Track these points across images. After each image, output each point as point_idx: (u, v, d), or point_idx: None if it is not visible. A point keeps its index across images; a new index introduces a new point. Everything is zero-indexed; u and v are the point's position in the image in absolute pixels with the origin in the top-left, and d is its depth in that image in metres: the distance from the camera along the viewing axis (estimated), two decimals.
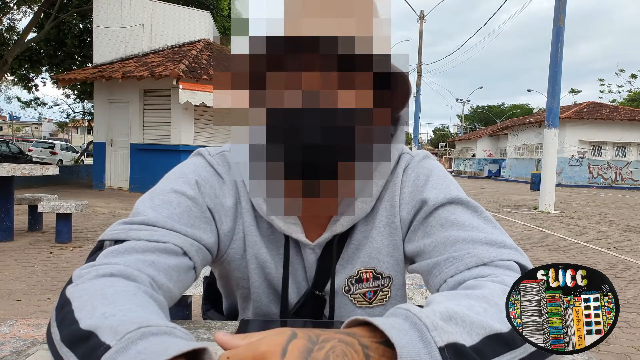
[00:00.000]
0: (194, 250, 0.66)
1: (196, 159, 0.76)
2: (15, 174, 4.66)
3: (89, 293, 0.51)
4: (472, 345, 0.45)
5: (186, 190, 0.69)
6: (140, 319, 0.45)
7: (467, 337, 0.46)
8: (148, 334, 0.43)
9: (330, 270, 0.76)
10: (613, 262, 5.33)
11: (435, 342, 0.43)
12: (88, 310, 0.48)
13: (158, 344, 0.42)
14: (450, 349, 0.43)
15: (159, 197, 0.68)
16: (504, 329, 0.48)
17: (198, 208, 0.69)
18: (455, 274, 0.63)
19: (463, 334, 0.46)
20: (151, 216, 0.65)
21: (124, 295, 0.51)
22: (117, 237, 0.62)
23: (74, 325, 0.46)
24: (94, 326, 0.45)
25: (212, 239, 0.71)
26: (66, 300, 0.51)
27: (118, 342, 0.42)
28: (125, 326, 0.43)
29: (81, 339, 0.45)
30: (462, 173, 41.42)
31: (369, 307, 0.78)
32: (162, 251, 0.62)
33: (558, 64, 10.38)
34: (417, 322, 0.45)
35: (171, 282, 0.62)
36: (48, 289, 3.48)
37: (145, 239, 0.62)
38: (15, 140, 36.01)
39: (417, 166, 0.77)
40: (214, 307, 0.99)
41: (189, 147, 10.14)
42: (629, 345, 2.83)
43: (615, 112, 27.63)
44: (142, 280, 0.57)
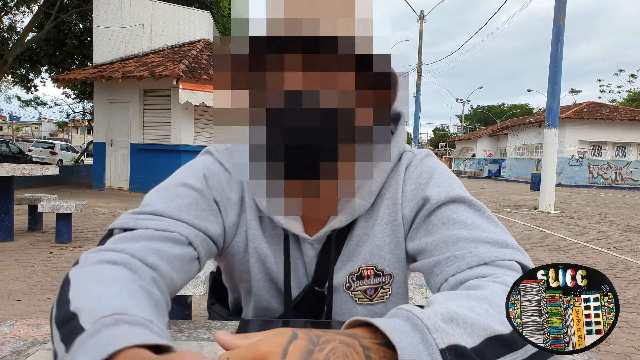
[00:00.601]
0: (199, 241, 0.68)
1: (205, 157, 0.79)
2: (15, 174, 4.66)
3: (87, 275, 0.53)
4: (474, 347, 0.45)
5: (194, 184, 0.71)
6: (120, 306, 0.46)
7: (469, 339, 0.46)
8: (122, 321, 0.44)
9: (329, 265, 0.76)
10: (613, 262, 5.33)
11: (437, 343, 0.43)
12: (80, 292, 0.50)
13: (128, 332, 0.43)
14: (452, 351, 0.43)
15: (167, 190, 0.71)
16: (505, 331, 0.48)
17: (205, 200, 0.71)
18: (456, 272, 0.63)
19: (464, 336, 0.46)
20: (159, 207, 0.67)
21: (118, 282, 0.53)
22: (126, 225, 0.64)
23: (66, 306, 0.48)
24: (79, 308, 0.46)
25: (218, 231, 0.72)
26: (67, 280, 0.53)
27: (92, 326, 0.43)
28: (102, 311, 0.45)
29: (67, 319, 0.46)
30: (462, 173, 41.39)
31: (369, 304, 0.78)
32: (168, 240, 0.64)
33: (558, 64, 10.37)
34: (418, 323, 0.44)
35: (174, 270, 0.63)
36: (48, 289, 3.48)
37: (153, 228, 0.64)
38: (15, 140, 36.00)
39: (420, 164, 0.77)
40: (219, 302, 1.01)
41: (189, 147, 10.14)
42: (629, 345, 2.83)
43: (615, 112, 27.63)
44: (143, 272, 0.58)
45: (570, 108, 28.52)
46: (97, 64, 11.31)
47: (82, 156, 23.01)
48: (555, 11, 10.41)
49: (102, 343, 0.41)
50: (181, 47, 11.73)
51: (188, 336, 0.66)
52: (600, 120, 26.38)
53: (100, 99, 11.26)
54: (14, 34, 14.96)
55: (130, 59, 11.31)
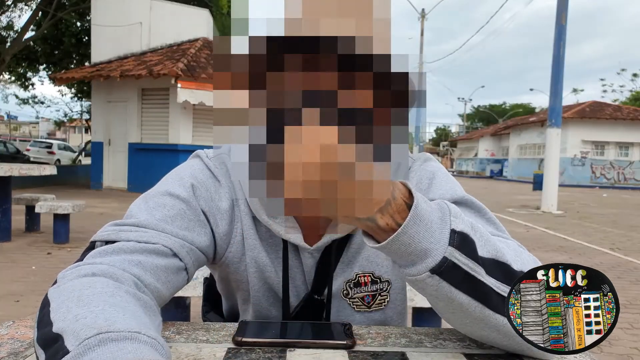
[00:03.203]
0: (185, 252, 0.67)
1: (193, 161, 0.77)
2: (12, 174, 4.69)
3: (66, 294, 0.52)
4: (481, 255, 0.52)
5: (180, 193, 0.70)
6: (105, 323, 0.45)
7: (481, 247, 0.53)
8: (107, 340, 0.43)
9: (328, 274, 0.77)
10: (616, 262, 5.30)
11: (451, 222, 0.52)
12: (62, 312, 0.48)
13: (114, 351, 0.42)
14: (459, 236, 0.51)
15: (152, 199, 0.69)
16: (513, 266, 0.54)
17: (192, 211, 0.70)
18: None
19: (479, 242, 0.53)
20: (143, 218, 0.66)
21: (100, 296, 0.51)
22: (108, 237, 0.63)
23: (48, 327, 0.47)
24: (62, 329, 0.45)
25: (206, 242, 0.71)
26: (47, 301, 0.52)
27: (76, 348, 0.42)
28: (86, 331, 0.43)
29: (51, 340, 0.45)
30: (464, 173, 41.44)
31: (367, 312, 0.79)
32: (151, 252, 0.63)
33: (560, 63, 10.37)
34: (444, 207, 0.53)
35: (159, 282, 0.62)
36: (46, 289, 3.39)
37: (134, 240, 0.63)
38: (13, 139, 36.14)
39: (419, 169, 0.78)
40: (214, 309, 1.00)
41: (188, 147, 10.12)
42: (631, 346, 2.81)
43: (618, 112, 27.62)
44: (124, 279, 0.56)
45: (573, 107, 28.51)
46: (95, 63, 11.30)
47: (80, 156, 23.02)
48: (557, 10, 10.40)
49: None
50: (180, 45, 11.68)
51: (186, 338, 0.65)
52: (603, 119, 26.38)
53: (98, 98, 11.26)
54: (12, 32, 14.98)
55: (129, 57, 11.27)
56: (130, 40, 11.49)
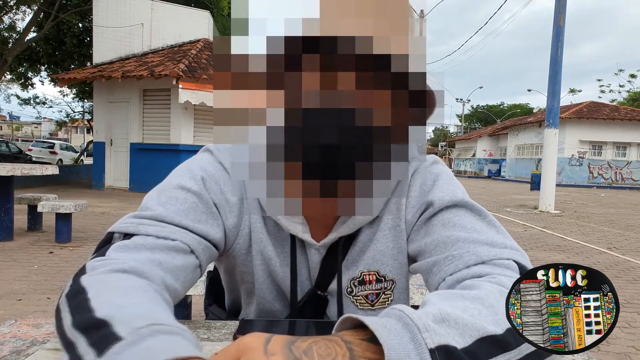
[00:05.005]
0: (201, 249, 0.67)
1: (203, 155, 0.77)
2: (14, 174, 4.65)
3: (103, 284, 0.52)
4: (465, 347, 0.45)
5: (192, 186, 0.70)
6: (151, 315, 0.46)
7: (460, 339, 0.46)
8: (158, 331, 0.43)
9: (333, 271, 0.77)
10: (613, 262, 5.32)
11: (427, 343, 0.43)
12: (104, 299, 0.49)
13: (166, 343, 0.42)
14: (442, 351, 0.43)
15: (165, 193, 0.69)
16: (498, 331, 0.48)
17: (204, 204, 0.70)
18: (454, 272, 0.63)
19: (455, 336, 0.46)
20: (159, 211, 0.65)
21: (137, 290, 0.52)
22: (127, 230, 0.63)
23: (89, 314, 0.47)
24: (109, 316, 0.45)
25: (219, 234, 0.71)
26: (81, 288, 0.52)
27: (129, 335, 0.42)
28: (137, 321, 0.44)
29: (95, 326, 0.45)
30: (462, 173, 41.39)
31: (370, 309, 0.78)
32: (170, 249, 0.63)
33: (558, 64, 10.39)
34: (409, 323, 0.45)
35: (178, 282, 0.62)
36: (48, 288, 3.48)
37: (154, 235, 0.62)
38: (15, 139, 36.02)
39: (425, 171, 0.77)
40: (216, 302, 1.00)
41: (189, 147, 10.13)
42: (629, 345, 2.83)
43: (616, 112, 27.62)
44: (153, 277, 0.57)
45: (571, 108, 28.52)
46: (96, 64, 11.29)
47: (82, 156, 22.98)
48: (555, 11, 10.43)
49: (145, 354, 0.41)
50: (181, 46, 11.71)
51: None
52: (601, 120, 26.38)
53: (100, 98, 11.25)
54: (14, 33, 14.95)
55: (130, 58, 11.29)
56: (131, 41, 11.52)
